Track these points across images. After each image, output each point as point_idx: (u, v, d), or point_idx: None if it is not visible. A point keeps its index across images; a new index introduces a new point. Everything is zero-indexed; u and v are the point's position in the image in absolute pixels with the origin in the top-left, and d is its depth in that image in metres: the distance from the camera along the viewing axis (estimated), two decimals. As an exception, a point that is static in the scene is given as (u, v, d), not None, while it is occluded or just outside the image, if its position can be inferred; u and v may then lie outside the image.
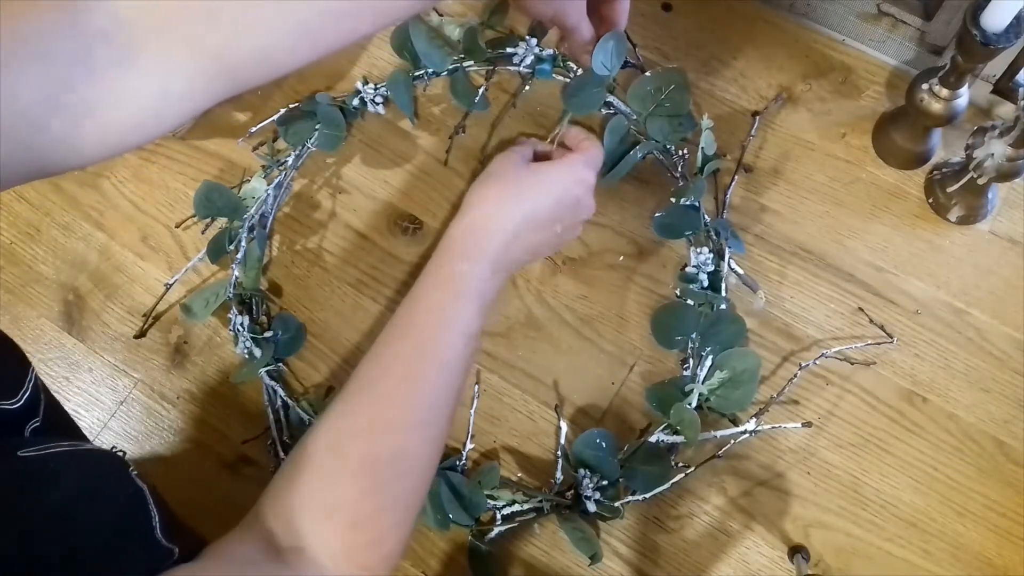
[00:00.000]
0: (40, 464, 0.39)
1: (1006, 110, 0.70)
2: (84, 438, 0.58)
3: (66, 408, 0.68)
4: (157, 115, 0.43)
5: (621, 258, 0.69)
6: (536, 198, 0.59)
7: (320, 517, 0.47)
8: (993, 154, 0.61)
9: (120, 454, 0.46)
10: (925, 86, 0.63)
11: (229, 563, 0.44)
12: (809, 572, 0.60)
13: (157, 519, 0.42)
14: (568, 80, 0.72)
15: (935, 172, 0.69)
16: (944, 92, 0.62)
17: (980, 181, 0.63)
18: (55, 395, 0.69)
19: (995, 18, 0.55)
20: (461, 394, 0.55)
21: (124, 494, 0.42)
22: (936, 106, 0.63)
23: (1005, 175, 0.61)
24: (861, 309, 0.66)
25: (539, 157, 0.66)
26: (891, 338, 0.65)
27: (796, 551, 0.61)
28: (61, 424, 0.52)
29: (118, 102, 0.41)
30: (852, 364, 0.65)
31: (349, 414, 0.50)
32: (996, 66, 0.67)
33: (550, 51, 0.72)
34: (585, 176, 0.62)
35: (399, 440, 0.50)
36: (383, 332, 0.54)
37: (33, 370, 0.47)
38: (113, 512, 0.40)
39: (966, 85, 0.62)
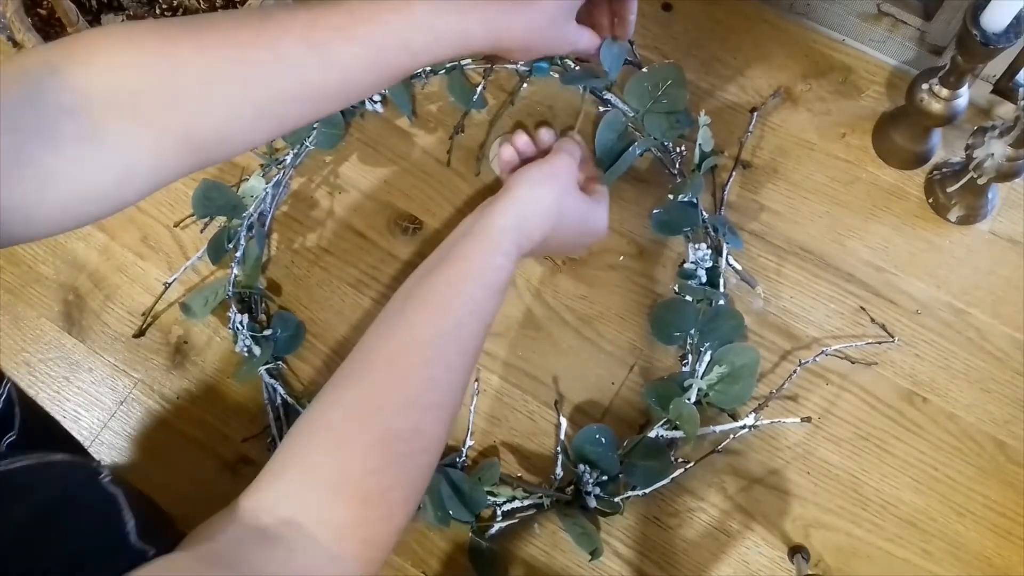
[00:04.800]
0: (4, 481, 0.39)
1: (1006, 110, 0.70)
2: (70, 444, 0.56)
3: (66, 408, 0.69)
4: (120, 189, 0.45)
5: (621, 258, 0.69)
6: (572, 227, 0.61)
7: (329, 489, 0.45)
8: (993, 154, 0.61)
9: (94, 464, 0.46)
10: (925, 86, 0.63)
11: (208, 549, 0.42)
12: (809, 572, 0.60)
13: (132, 523, 0.41)
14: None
15: (935, 172, 0.69)
16: (944, 92, 0.62)
17: (980, 181, 0.63)
18: (56, 394, 0.69)
19: (995, 18, 0.55)
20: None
21: (93, 503, 0.41)
22: (936, 106, 0.63)
23: (1005, 175, 0.61)
24: (863, 308, 0.66)
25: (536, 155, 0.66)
26: (892, 337, 0.65)
27: (796, 551, 0.61)
28: (42, 434, 0.51)
29: (81, 175, 0.43)
30: (853, 363, 0.65)
31: (371, 384, 0.49)
32: (996, 66, 0.67)
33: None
34: (604, 231, 0.63)
35: (417, 418, 0.49)
36: (410, 304, 0.53)
37: (8, 382, 0.47)
38: (81, 522, 0.40)
39: (966, 85, 0.62)
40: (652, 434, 0.63)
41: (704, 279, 0.66)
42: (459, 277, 0.54)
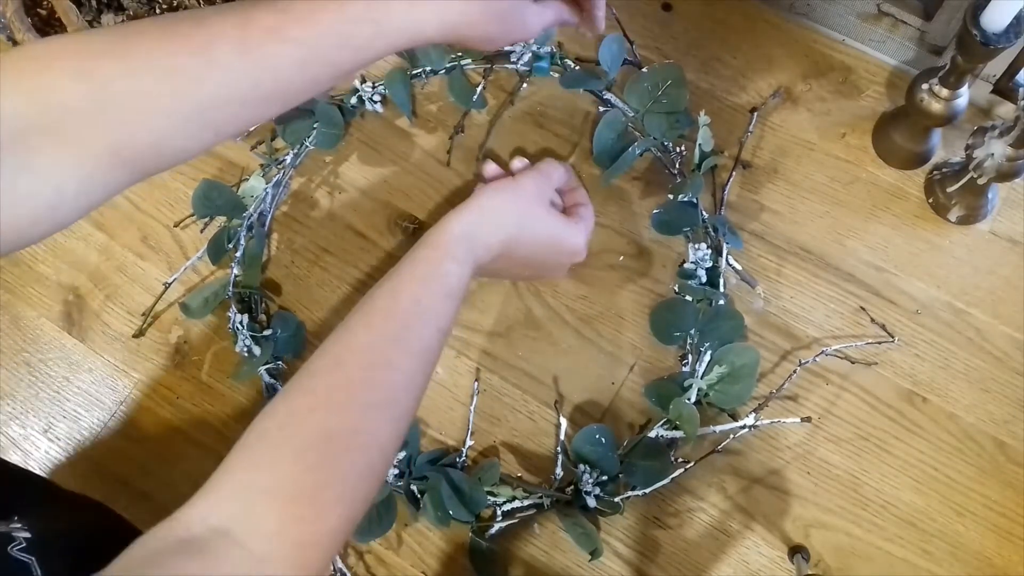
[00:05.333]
0: None
1: (1006, 110, 0.70)
2: (27, 498, 0.55)
3: (66, 408, 0.69)
4: (54, 212, 0.44)
5: (621, 258, 0.69)
6: (537, 241, 0.60)
7: (258, 493, 0.44)
8: (993, 154, 0.61)
9: (12, 528, 0.45)
10: (925, 86, 0.63)
11: (126, 565, 0.41)
12: (809, 572, 0.60)
13: None
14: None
15: (935, 172, 0.69)
16: (944, 92, 0.62)
17: (980, 181, 0.63)
18: (56, 394, 0.69)
19: (995, 18, 0.55)
20: (429, 380, 0.54)
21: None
22: (936, 106, 0.63)
23: (1005, 175, 0.61)
24: (863, 308, 0.66)
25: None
26: (892, 337, 0.65)
27: (796, 551, 0.61)
28: None
29: (12, 203, 0.42)
30: (853, 363, 0.65)
31: (308, 392, 0.49)
32: (996, 66, 0.67)
33: (548, 48, 0.72)
34: (581, 252, 0.62)
35: (355, 418, 0.48)
36: (356, 314, 0.52)
37: None
38: None
39: (966, 85, 0.62)
40: (652, 434, 0.63)
41: (704, 279, 0.66)
42: (405, 282, 0.54)
